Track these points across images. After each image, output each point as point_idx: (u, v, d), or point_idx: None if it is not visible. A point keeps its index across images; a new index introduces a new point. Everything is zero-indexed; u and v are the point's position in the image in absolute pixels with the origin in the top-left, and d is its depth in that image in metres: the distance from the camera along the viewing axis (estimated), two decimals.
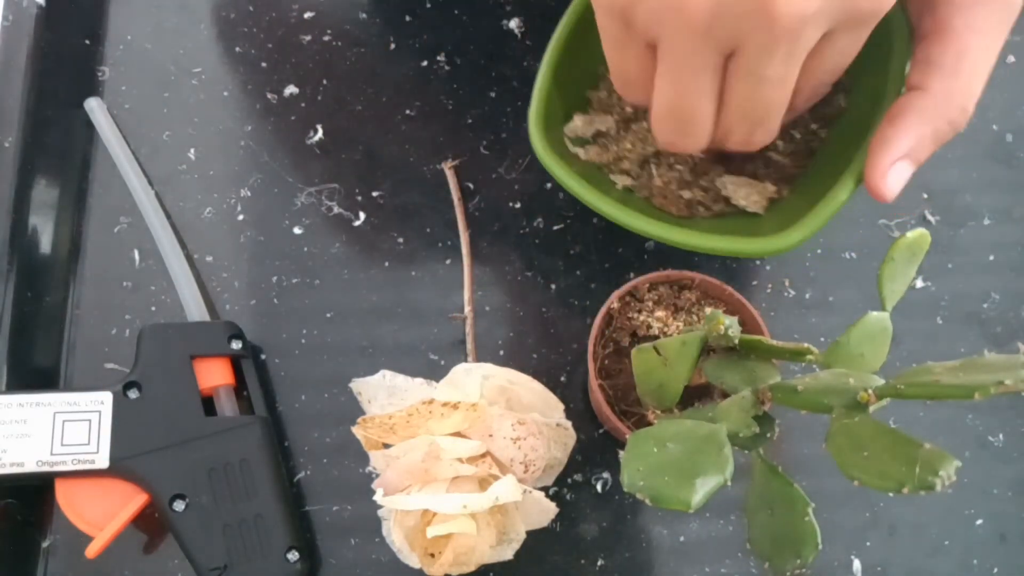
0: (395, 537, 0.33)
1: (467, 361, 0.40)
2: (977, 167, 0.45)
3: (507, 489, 0.32)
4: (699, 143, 0.31)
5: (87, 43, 0.46)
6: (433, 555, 0.33)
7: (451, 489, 0.32)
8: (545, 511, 0.34)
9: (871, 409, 0.25)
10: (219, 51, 0.47)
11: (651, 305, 0.36)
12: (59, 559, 0.37)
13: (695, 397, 0.34)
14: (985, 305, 0.42)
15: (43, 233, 0.42)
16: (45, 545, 0.38)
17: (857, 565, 0.38)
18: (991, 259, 0.43)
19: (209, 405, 0.38)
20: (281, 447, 0.39)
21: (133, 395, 0.37)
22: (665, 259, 0.42)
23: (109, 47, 0.47)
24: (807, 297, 0.42)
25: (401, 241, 0.43)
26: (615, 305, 0.36)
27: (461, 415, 0.33)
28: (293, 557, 0.36)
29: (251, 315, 0.42)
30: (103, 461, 0.36)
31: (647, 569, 0.38)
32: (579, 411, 0.40)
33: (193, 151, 0.45)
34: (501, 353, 0.41)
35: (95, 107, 0.44)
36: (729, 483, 0.25)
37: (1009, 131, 0.46)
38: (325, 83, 0.46)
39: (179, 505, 0.35)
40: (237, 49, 0.47)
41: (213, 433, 0.37)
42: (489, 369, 0.35)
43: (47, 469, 0.35)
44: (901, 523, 0.39)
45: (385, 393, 0.35)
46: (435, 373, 0.37)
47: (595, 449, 0.39)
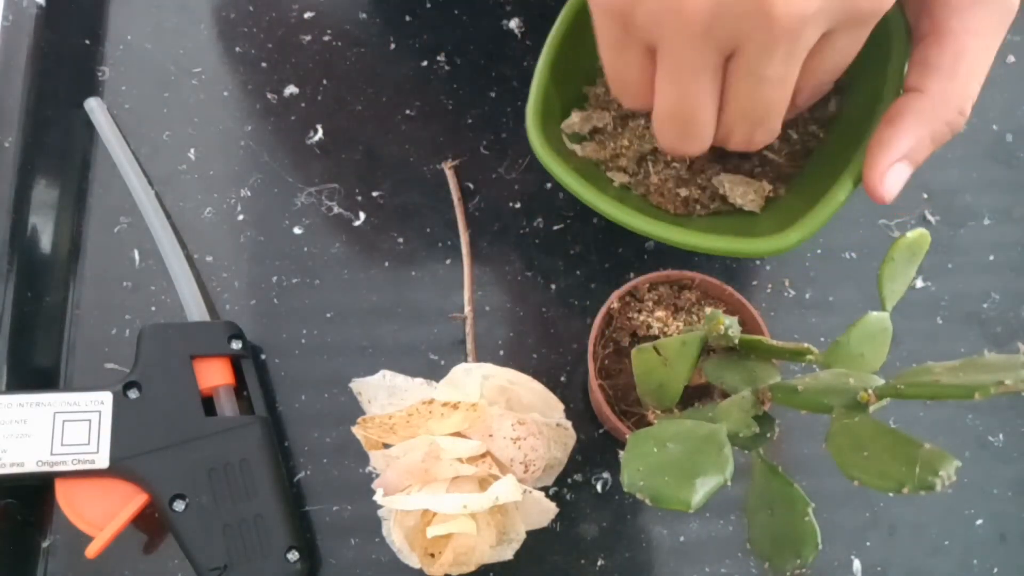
0: (395, 537, 0.33)
1: (467, 361, 0.40)
2: (977, 167, 0.45)
3: (507, 489, 0.32)
4: (702, 145, 0.31)
5: (87, 43, 0.46)
6: (433, 555, 0.33)
7: (451, 489, 0.32)
8: (545, 511, 0.34)
9: (871, 409, 0.25)
10: (219, 51, 0.47)
11: (651, 305, 0.36)
12: (59, 559, 0.37)
13: (695, 397, 0.34)
14: (985, 305, 0.43)
15: (43, 233, 0.42)
16: (45, 545, 0.38)
17: (857, 565, 0.38)
18: (991, 259, 0.43)
19: (209, 405, 0.38)
20: (281, 447, 0.39)
21: (133, 395, 0.37)
22: (665, 259, 0.42)
23: (109, 47, 0.47)
24: (807, 297, 0.42)
25: (401, 241, 0.43)
26: (615, 305, 0.36)
27: (461, 415, 0.33)
28: (293, 557, 0.36)
29: (251, 315, 0.42)
30: (103, 461, 0.36)
31: (647, 569, 0.38)
32: (579, 411, 0.40)
33: (193, 151, 0.45)
34: (501, 353, 0.41)
35: (95, 107, 0.44)
36: (729, 483, 0.25)
37: (1009, 131, 0.46)
38: (325, 83, 0.46)
39: (179, 505, 0.35)
40: (237, 49, 0.47)
41: (213, 433, 0.37)
42: (489, 369, 0.35)
43: (47, 469, 0.35)
44: (901, 523, 0.39)
45: (385, 393, 0.35)
46: (435, 373, 0.37)
47: (595, 449, 0.39)
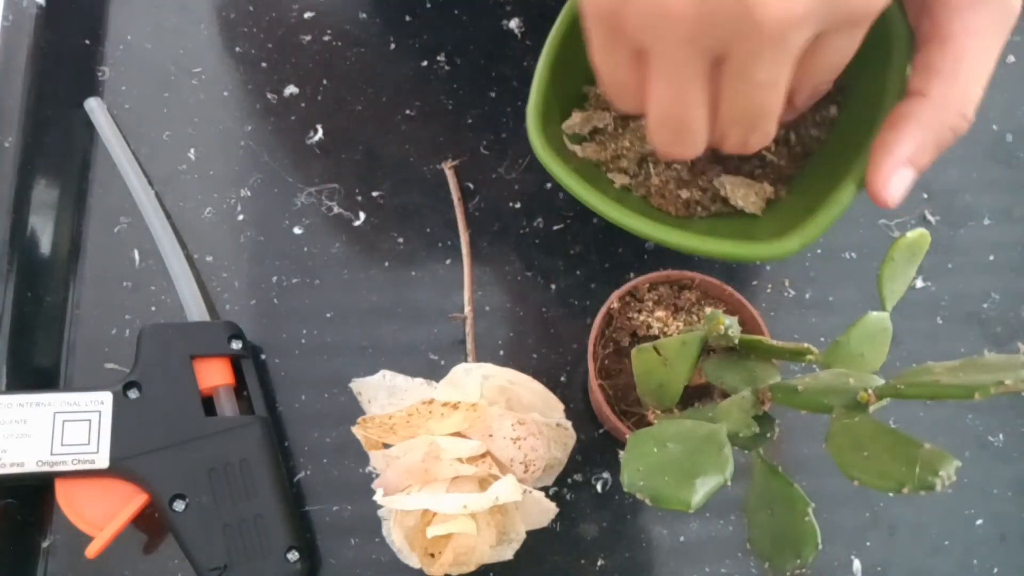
0: (395, 537, 0.33)
1: (467, 361, 0.40)
2: (977, 167, 0.45)
3: (507, 489, 0.32)
4: (695, 149, 0.31)
5: (87, 43, 0.46)
6: (433, 555, 0.33)
7: (451, 489, 0.32)
8: (545, 511, 0.34)
9: (871, 409, 0.25)
10: (219, 51, 0.47)
11: (651, 305, 0.36)
12: (59, 559, 0.37)
13: (695, 397, 0.34)
14: (985, 305, 0.43)
15: (43, 233, 0.42)
16: (45, 545, 0.38)
17: (857, 565, 0.38)
18: (991, 259, 0.43)
19: (209, 405, 0.38)
20: (281, 447, 0.39)
21: (133, 395, 0.37)
22: (665, 259, 0.42)
23: (109, 47, 0.47)
24: (807, 297, 0.42)
25: (401, 241, 0.43)
26: (615, 305, 0.36)
27: (461, 415, 0.33)
28: (293, 557, 0.36)
29: (251, 315, 0.42)
30: (103, 461, 0.36)
31: (647, 569, 0.38)
32: (579, 411, 0.40)
33: (193, 151, 0.45)
34: (501, 353, 0.41)
35: (95, 107, 0.44)
36: (729, 483, 0.25)
37: (1009, 131, 0.46)
38: (325, 83, 0.46)
39: (179, 505, 0.35)
40: (237, 49, 0.47)
41: (213, 433, 0.37)
42: (489, 369, 0.35)
43: (47, 469, 0.35)
44: (901, 523, 0.39)
45: (385, 393, 0.35)
46: (435, 373, 0.37)
47: (595, 449, 0.39)
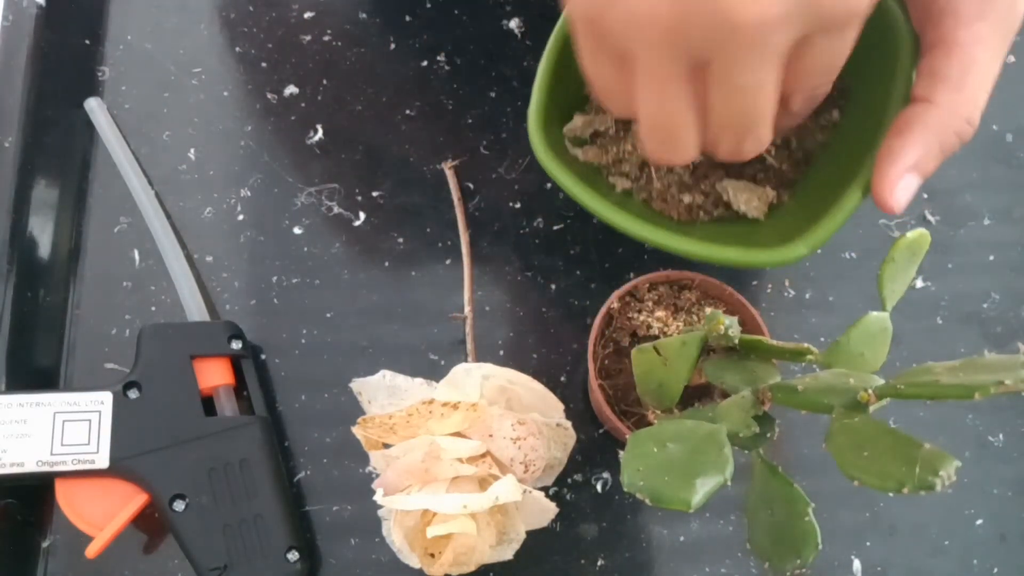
0: (395, 537, 0.33)
1: (467, 361, 0.40)
2: (977, 167, 0.45)
3: (507, 489, 0.32)
4: (686, 155, 0.31)
5: (87, 43, 0.46)
6: (433, 555, 0.33)
7: (451, 489, 0.32)
8: (545, 511, 0.34)
9: (871, 409, 0.25)
10: (219, 51, 0.47)
11: (651, 305, 0.36)
12: (59, 559, 0.37)
13: (695, 397, 0.34)
14: (985, 305, 0.42)
15: (43, 233, 0.42)
16: (45, 545, 0.38)
17: (857, 565, 0.38)
18: (991, 259, 0.43)
19: (209, 405, 0.38)
20: (281, 447, 0.39)
21: (133, 395, 0.37)
22: (665, 259, 0.42)
23: (109, 47, 0.47)
24: (807, 297, 0.42)
25: (401, 241, 0.43)
26: (615, 305, 0.36)
27: (461, 415, 0.33)
28: (293, 557, 0.36)
29: (251, 315, 0.42)
30: (103, 461, 0.35)
31: (647, 569, 0.38)
32: (579, 411, 0.40)
33: (193, 151, 0.45)
34: (501, 353, 0.41)
35: (95, 107, 0.44)
36: (729, 483, 0.25)
37: (1009, 131, 0.46)
38: (325, 83, 0.46)
39: (179, 505, 0.35)
40: (237, 49, 0.47)
41: (213, 433, 0.37)
42: (489, 369, 0.35)
43: (47, 469, 0.35)
44: (901, 523, 0.39)
45: (385, 393, 0.35)
46: (435, 373, 0.37)
47: (595, 449, 0.39)
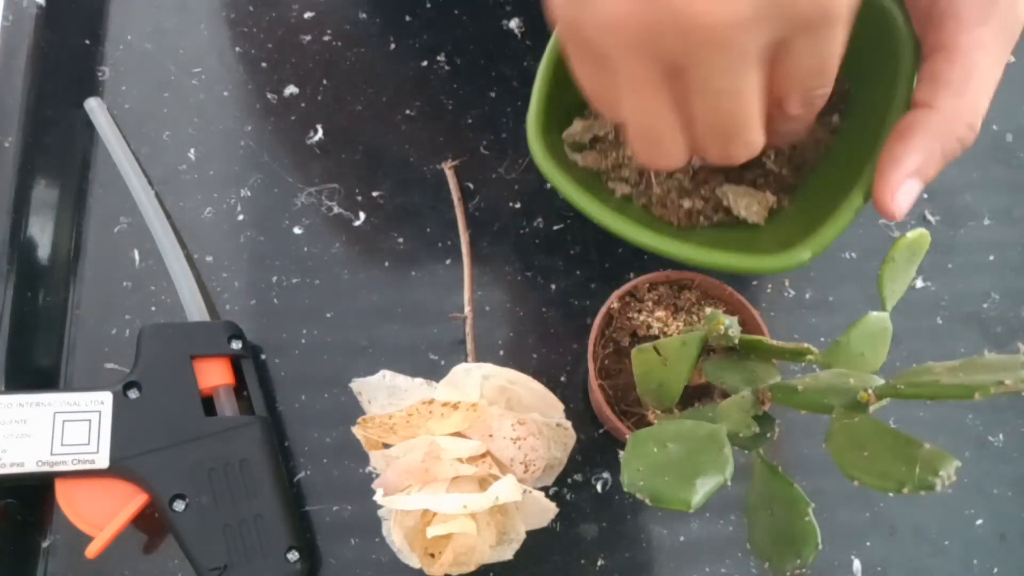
0: (395, 537, 0.33)
1: (467, 361, 0.40)
2: (977, 167, 0.45)
3: (507, 489, 0.32)
4: (673, 160, 0.31)
5: (87, 43, 0.46)
6: (433, 555, 0.33)
7: (451, 489, 0.32)
8: (545, 511, 0.34)
9: (871, 409, 0.25)
10: (219, 51, 0.47)
11: (651, 305, 0.36)
12: (59, 559, 0.37)
13: (695, 397, 0.34)
14: (985, 305, 0.42)
15: (43, 233, 0.42)
16: (45, 545, 0.38)
17: (857, 565, 0.38)
18: (991, 259, 0.43)
19: (209, 405, 0.38)
20: (281, 447, 0.39)
21: (133, 395, 0.37)
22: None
23: (109, 47, 0.47)
24: (807, 297, 0.42)
25: (401, 241, 0.43)
26: (615, 305, 0.36)
27: (461, 415, 0.33)
28: (293, 557, 0.36)
29: (251, 315, 0.42)
30: (103, 461, 0.35)
31: (647, 569, 0.38)
32: (579, 411, 0.40)
33: (193, 151, 0.45)
34: (501, 353, 0.41)
35: (95, 107, 0.44)
36: (729, 483, 0.25)
37: (1009, 131, 0.46)
38: (325, 83, 0.46)
39: (179, 505, 0.35)
40: (237, 49, 0.47)
41: (213, 433, 0.37)
42: (489, 369, 0.35)
43: (47, 469, 0.35)
44: (901, 523, 0.39)
45: (385, 393, 0.35)
46: (435, 373, 0.37)
47: (595, 449, 0.39)
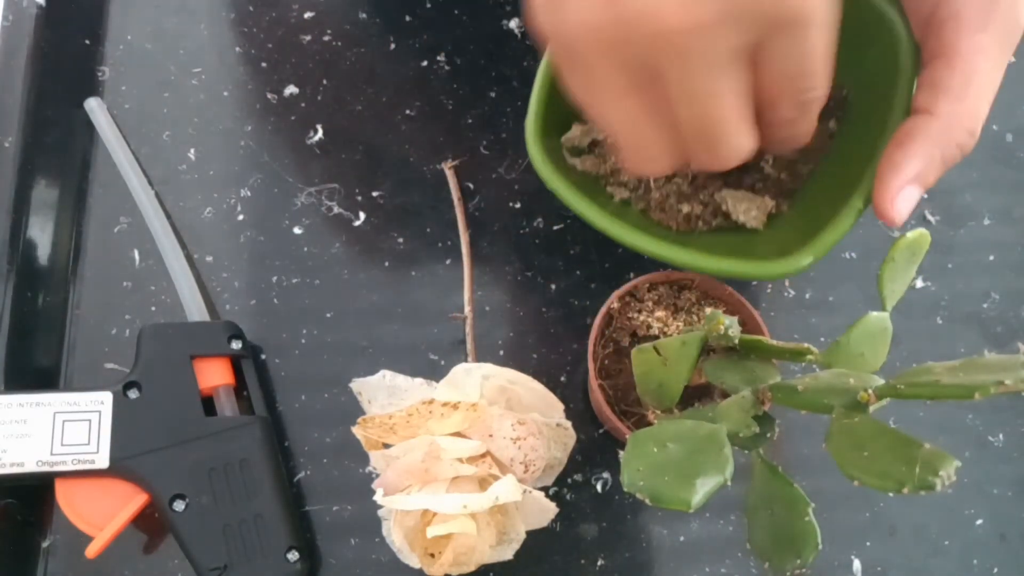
0: (395, 537, 0.33)
1: (467, 361, 0.40)
2: (977, 167, 0.45)
3: (507, 489, 0.32)
4: (656, 165, 0.30)
5: (87, 43, 0.46)
6: (433, 555, 0.33)
7: (451, 489, 0.32)
8: (545, 511, 0.34)
9: (871, 409, 0.25)
10: (219, 51, 0.47)
11: (651, 305, 0.36)
12: (59, 559, 0.37)
13: (695, 397, 0.34)
14: (985, 305, 0.42)
15: (43, 233, 0.42)
16: (45, 545, 0.38)
17: (857, 565, 0.38)
18: (991, 259, 0.43)
19: (209, 405, 0.38)
20: (281, 447, 0.39)
21: (133, 395, 0.37)
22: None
23: (109, 47, 0.47)
24: (807, 297, 0.42)
25: (401, 241, 0.43)
26: (615, 305, 0.36)
27: (461, 415, 0.33)
28: (293, 557, 0.36)
29: (251, 315, 0.42)
30: (103, 461, 0.35)
31: (647, 569, 0.38)
32: (579, 411, 0.40)
33: (193, 151, 0.45)
34: (501, 353, 0.41)
35: (95, 107, 0.44)
36: (729, 483, 0.25)
37: (1009, 131, 0.46)
38: (325, 83, 0.46)
39: (179, 505, 0.35)
40: (237, 49, 0.47)
41: (213, 433, 0.37)
42: (489, 369, 0.35)
43: (47, 469, 0.35)
44: (901, 523, 0.39)
45: (385, 393, 0.35)
46: (435, 373, 0.37)
47: (595, 449, 0.39)
